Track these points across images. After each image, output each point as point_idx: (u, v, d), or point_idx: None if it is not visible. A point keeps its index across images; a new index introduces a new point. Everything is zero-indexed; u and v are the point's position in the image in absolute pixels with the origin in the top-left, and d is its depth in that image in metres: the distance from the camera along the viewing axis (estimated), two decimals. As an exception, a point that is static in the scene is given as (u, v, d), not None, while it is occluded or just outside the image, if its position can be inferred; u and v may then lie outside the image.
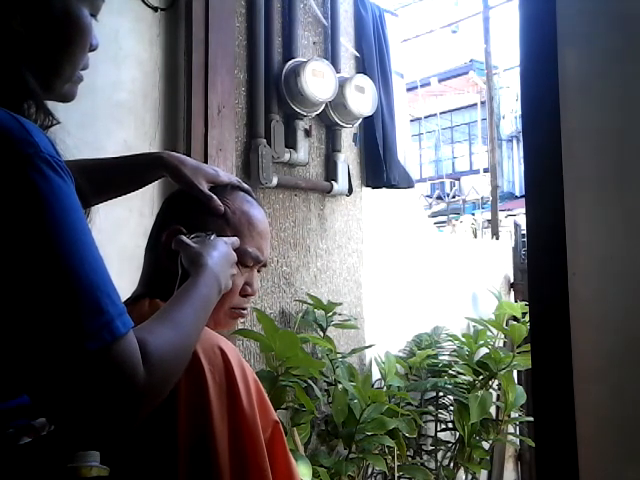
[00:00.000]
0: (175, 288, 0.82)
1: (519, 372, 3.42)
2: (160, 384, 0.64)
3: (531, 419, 2.75)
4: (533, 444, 0.96)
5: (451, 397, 2.90)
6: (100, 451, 0.69)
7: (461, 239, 5.33)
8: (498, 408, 3.09)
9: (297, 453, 2.01)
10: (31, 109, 0.68)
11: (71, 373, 0.57)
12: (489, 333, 3.10)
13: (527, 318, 2.92)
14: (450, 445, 2.96)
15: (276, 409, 0.86)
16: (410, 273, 3.19)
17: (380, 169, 2.93)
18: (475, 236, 7.40)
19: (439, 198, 12.49)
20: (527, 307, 2.42)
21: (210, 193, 0.96)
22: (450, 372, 2.96)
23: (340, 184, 2.76)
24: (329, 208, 2.79)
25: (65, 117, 0.74)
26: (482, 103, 12.89)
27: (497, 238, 5.97)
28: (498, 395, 3.08)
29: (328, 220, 2.78)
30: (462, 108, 15.49)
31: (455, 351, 3.09)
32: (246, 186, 1.05)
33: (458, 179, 14.70)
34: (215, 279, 0.84)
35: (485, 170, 11.48)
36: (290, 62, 2.55)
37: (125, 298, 0.97)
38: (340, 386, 2.37)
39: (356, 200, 2.93)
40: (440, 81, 13.87)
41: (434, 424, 3.01)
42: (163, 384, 0.65)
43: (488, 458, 3.06)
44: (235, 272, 0.93)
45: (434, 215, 10.13)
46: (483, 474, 3.22)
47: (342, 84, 2.64)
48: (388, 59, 3.07)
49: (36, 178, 0.59)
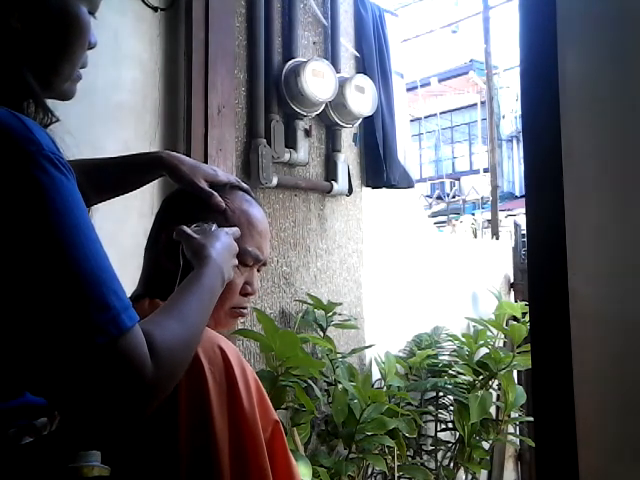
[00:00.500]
0: (177, 279, 0.83)
1: (519, 372, 3.42)
2: (168, 376, 0.64)
3: (531, 419, 2.75)
4: (533, 444, 0.96)
5: (451, 397, 2.90)
6: (101, 451, 0.69)
7: (461, 239, 5.33)
8: (498, 408, 3.09)
9: (297, 453, 2.01)
10: (31, 107, 0.68)
11: (79, 367, 0.58)
12: (489, 333, 3.10)
13: (527, 318, 2.92)
14: (450, 445, 2.96)
15: (276, 409, 0.86)
16: (410, 273, 3.19)
17: (380, 169, 2.93)
18: (475, 236, 7.41)
19: (439, 198, 12.49)
20: (527, 307, 2.42)
21: (211, 190, 0.97)
22: (450, 372, 2.96)
23: (340, 184, 2.76)
24: (329, 208, 2.79)
25: (65, 117, 0.74)
26: (482, 103, 12.89)
27: (497, 238, 5.97)
28: (498, 395, 3.08)
29: (328, 220, 2.78)
30: (462, 108, 15.48)
31: (455, 351, 3.10)
32: (245, 185, 1.05)
33: (458, 179, 14.70)
34: (219, 270, 0.85)
35: (485, 170, 11.47)
36: (290, 62, 2.55)
37: (125, 298, 0.97)
38: (340, 386, 2.37)
39: (356, 200, 2.94)
40: (440, 81, 13.87)
41: (434, 424, 3.01)
42: (171, 376, 0.65)
43: (488, 458, 3.06)
44: (237, 262, 0.93)
45: (434, 215, 10.14)
46: (483, 474, 3.22)
47: (342, 84, 2.64)
48: (388, 59, 3.07)
49: (39, 175, 0.59)
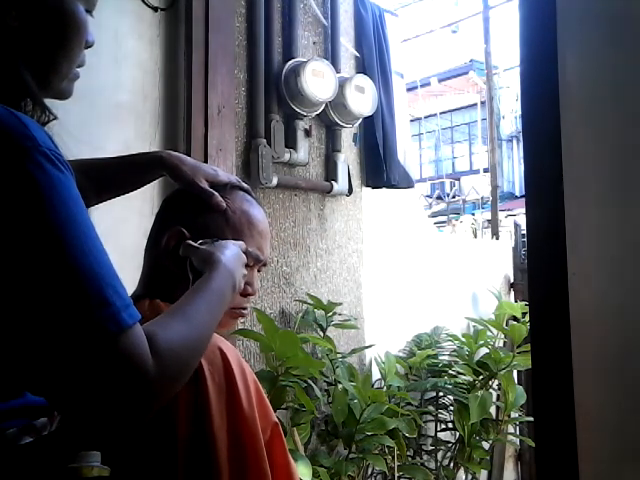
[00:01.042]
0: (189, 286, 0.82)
1: (519, 372, 3.42)
2: (172, 376, 0.63)
3: (531, 419, 2.75)
4: (533, 444, 0.96)
5: (451, 397, 2.90)
6: (101, 451, 0.69)
7: (461, 239, 5.33)
8: (498, 408, 3.09)
9: (297, 453, 2.01)
10: (29, 106, 0.68)
11: (78, 365, 0.57)
12: (489, 333, 3.10)
13: (527, 318, 2.92)
14: (450, 445, 2.96)
15: (276, 409, 0.86)
16: (410, 273, 3.19)
17: (380, 169, 2.93)
18: (475, 236, 7.41)
19: (439, 198, 12.49)
20: (527, 307, 2.42)
21: (211, 190, 0.96)
22: (450, 372, 2.95)
23: (340, 184, 2.76)
24: (329, 208, 2.79)
25: (65, 117, 0.74)
26: (482, 103, 12.89)
27: (497, 238, 5.97)
28: (498, 395, 3.08)
29: (328, 220, 2.78)
30: (462, 108, 15.48)
31: (455, 351, 3.09)
32: (245, 185, 1.05)
33: (458, 179, 14.70)
34: (229, 275, 0.84)
35: (485, 170, 11.48)
36: (290, 62, 2.55)
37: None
38: (340, 386, 2.37)
39: (356, 200, 2.94)
40: (440, 81, 13.87)
41: (434, 424, 3.01)
42: (175, 377, 0.64)
43: (488, 458, 3.06)
44: (246, 273, 0.92)
45: (434, 215, 10.14)
46: (483, 474, 3.22)
47: (342, 84, 2.64)
48: (388, 59, 3.07)
49: (35, 171, 0.59)
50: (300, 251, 2.63)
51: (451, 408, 2.93)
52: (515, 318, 3.20)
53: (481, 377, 2.90)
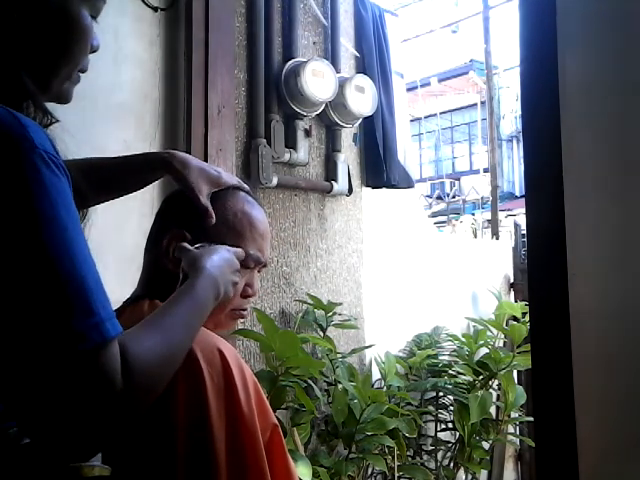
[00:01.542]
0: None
1: (519, 372, 3.42)
2: (140, 391, 0.62)
3: (531, 419, 2.75)
4: (533, 444, 0.96)
5: (451, 397, 2.90)
6: (102, 451, 0.69)
7: (461, 239, 5.33)
8: (498, 408, 3.09)
9: (297, 453, 2.01)
10: (30, 108, 0.68)
11: (55, 372, 0.56)
12: (489, 333, 3.10)
13: (527, 318, 2.92)
14: (450, 445, 2.96)
15: (276, 409, 0.86)
16: (410, 273, 3.19)
17: (380, 169, 2.93)
18: (475, 236, 7.41)
19: (439, 198, 12.49)
20: (527, 307, 2.42)
21: (206, 203, 0.95)
22: (450, 372, 2.96)
23: (340, 184, 2.76)
24: (329, 208, 2.79)
25: (65, 117, 0.74)
26: (482, 103, 12.89)
27: (497, 238, 5.97)
28: (498, 395, 3.08)
29: (328, 220, 2.78)
30: (462, 108, 15.48)
31: (455, 351, 3.10)
32: (246, 187, 1.04)
33: (458, 179, 14.70)
34: (213, 283, 0.83)
35: (485, 170, 11.48)
36: (290, 62, 2.55)
37: (125, 298, 0.97)
38: (340, 386, 2.37)
39: (356, 200, 2.94)
40: (440, 81, 13.87)
41: (434, 424, 3.01)
42: (144, 391, 0.63)
43: (488, 458, 3.06)
44: (238, 280, 0.91)
45: (434, 215, 10.14)
46: (483, 474, 3.22)
47: (342, 84, 2.64)
48: (388, 59, 3.07)
49: (29, 174, 0.59)
50: (300, 251, 2.63)
51: (451, 408, 2.94)
52: (515, 318, 3.20)
53: (481, 377, 2.90)
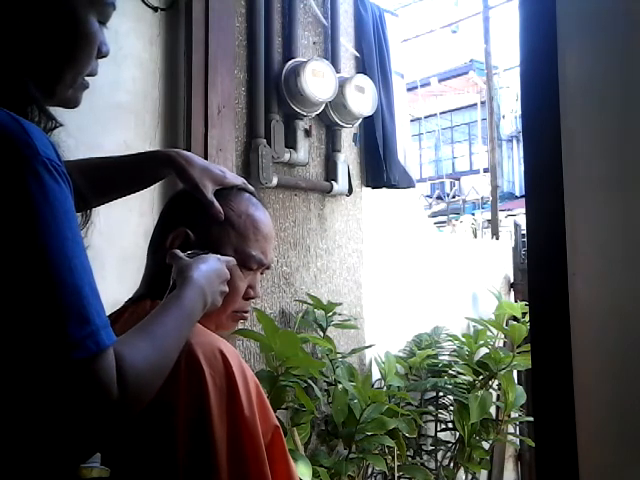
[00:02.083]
0: (163, 300, 0.81)
1: (519, 372, 3.42)
2: (133, 400, 0.63)
3: (531, 419, 2.75)
4: (533, 444, 0.96)
5: (451, 397, 2.90)
6: (101, 453, 0.69)
7: (461, 239, 5.33)
8: (498, 408, 3.09)
9: (297, 453, 2.01)
10: (34, 112, 0.68)
11: (51, 380, 0.56)
12: (489, 333, 3.10)
13: (527, 318, 2.92)
14: (450, 445, 2.96)
15: (276, 409, 0.86)
16: (410, 273, 3.19)
17: (380, 169, 2.93)
18: (475, 236, 7.40)
19: (439, 198, 12.49)
20: (527, 307, 2.42)
21: (212, 198, 0.95)
22: (450, 372, 2.96)
23: (340, 184, 2.76)
24: (329, 208, 2.79)
25: (65, 118, 0.74)
26: (482, 103, 12.88)
27: (497, 238, 5.97)
28: (498, 395, 3.08)
29: (328, 220, 2.78)
30: (462, 108, 15.48)
31: (455, 351, 3.09)
32: (251, 188, 1.04)
33: (458, 179, 14.70)
34: (200, 292, 0.82)
35: (485, 170, 11.47)
36: (290, 62, 2.55)
37: (125, 298, 0.97)
38: (340, 386, 2.37)
39: (356, 200, 2.93)
40: (440, 81, 13.87)
41: (434, 424, 3.01)
42: (136, 399, 0.64)
43: (488, 458, 3.06)
44: (227, 290, 0.91)
45: (434, 215, 10.13)
46: (483, 474, 3.22)
47: (342, 84, 2.64)
48: (388, 59, 3.06)
49: (30, 181, 0.58)
50: (300, 251, 2.63)
51: (451, 408, 2.93)
52: (515, 318, 3.20)
53: (481, 377, 2.90)
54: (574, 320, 0.84)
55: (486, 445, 2.94)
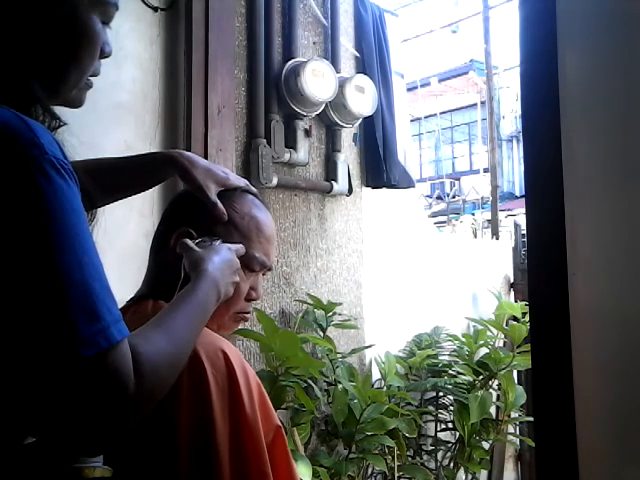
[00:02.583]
0: (176, 292, 0.82)
1: (519, 372, 3.42)
2: (150, 394, 0.63)
3: (531, 419, 2.75)
4: (533, 444, 0.96)
5: (451, 397, 2.90)
6: (103, 452, 0.69)
7: (461, 239, 5.33)
8: (498, 408, 3.09)
9: (297, 453, 2.01)
10: (38, 111, 0.68)
11: (63, 378, 0.57)
12: (489, 333, 3.10)
13: (527, 318, 2.92)
14: (450, 445, 2.96)
15: (276, 409, 0.86)
16: (410, 273, 3.19)
17: (380, 169, 2.93)
18: (475, 236, 7.40)
19: (439, 198, 12.49)
20: (527, 307, 2.42)
21: (215, 199, 0.95)
22: (450, 372, 2.96)
23: (340, 184, 2.76)
24: (329, 208, 2.79)
25: (65, 117, 0.74)
26: (482, 103, 12.88)
27: (497, 238, 5.96)
28: (498, 395, 3.08)
29: (328, 220, 2.78)
30: (462, 108, 15.48)
31: (455, 351, 3.10)
32: (254, 189, 1.04)
33: (458, 179, 14.70)
34: (214, 285, 0.83)
35: (485, 170, 11.47)
36: (290, 62, 2.55)
37: (126, 298, 0.97)
38: (340, 386, 2.37)
39: (356, 200, 2.93)
40: (440, 81, 13.87)
41: (434, 424, 3.01)
42: (153, 393, 0.64)
43: (488, 458, 3.06)
44: (238, 280, 0.91)
45: (434, 215, 10.13)
46: (483, 474, 3.22)
47: (342, 84, 2.64)
48: (388, 59, 3.07)
49: (39, 180, 0.59)
50: (300, 251, 2.63)
51: (451, 408, 2.93)
52: (515, 318, 3.20)
53: (481, 377, 2.90)
54: (574, 320, 0.84)
55: (486, 445, 2.94)
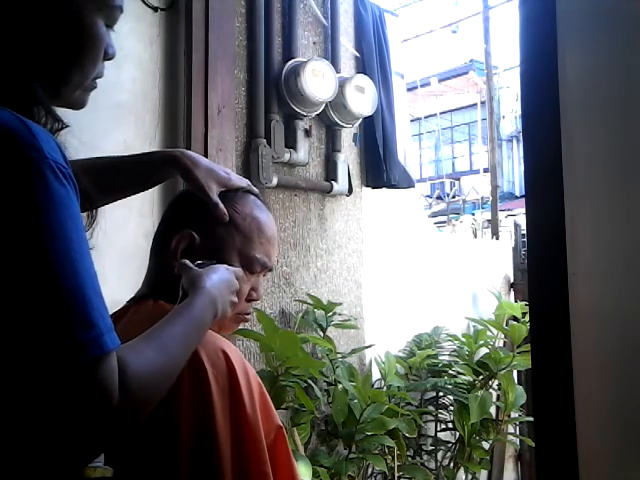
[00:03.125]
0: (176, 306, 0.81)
1: (519, 372, 3.42)
2: (135, 406, 0.62)
3: (531, 419, 2.75)
4: (533, 444, 0.96)
5: (451, 397, 2.90)
6: (104, 452, 0.69)
7: (461, 239, 5.33)
8: (498, 408, 3.09)
9: (297, 453, 2.01)
10: (40, 113, 0.68)
11: (55, 383, 0.56)
12: (489, 333, 3.10)
13: (527, 318, 2.92)
14: (450, 445, 2.96)
15: (276, 409, 0.86)
16: (410, 273, 3.19)
17: (380, 169, 2.93)
18: (475, 236, 7.40)
19: (439, 198, 12.49)
20: (527, 307, 2.42)
21: (217, 200, 0.95)
22: (450, 372, 2.96)
23: (340, 184, 2.76)
24: (329, 208, 2.79)
25: (65, 117, 0.74)
26: (482, 103, 12.88)
27: (497, 238, 5.96)
28: (498, 395, 3.08)
29: (328, 220, 2.78)
30: (462, 108, 15.47)
31: (455, 351, 3.10)
32: (256, 190, 1.03)
33: (458, 179, 14.69)
34: (211, 302, 0.82)
35: (485, 170, 11.47)
36: (290, 62, 2.55)
37: (126, 298, 0.97)
38: (340, 386, 2.37)
39: (356, 200, 2.93)
40: (440, 81, 13.86)
41: (434, 424, 3.01)
42: (139, 406, 0.63)
43: (488, 458, 3.06)
44: (236, 300, 0.91)
45: (434, 215, 10.13)
46: (483, 474, 3.22)
47: (342, 84, 2.64)
48: (388, 59, 3.06)
49: (37, 184, 0.58)
50: (300, 251, 2.63)
51: (451, 408, 2.93)
52: (515, 318, 3.20)
53: (481, 377, 2.90)
54: (574, 320, 0.84)
55: (486, 445, 2.94)
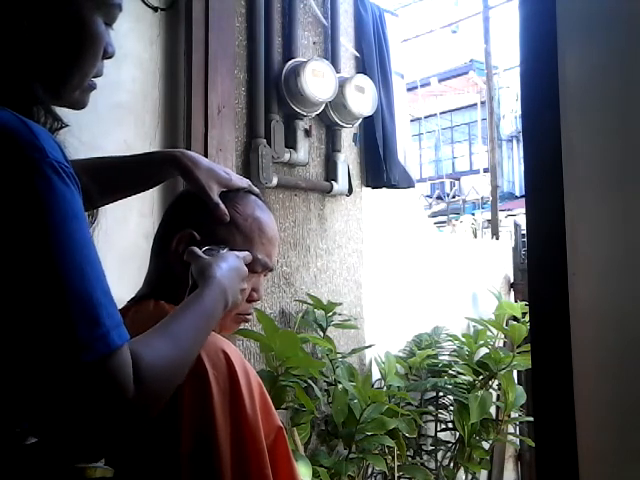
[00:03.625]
0: (185, 298, 0.81)
1: (519, 372, 3.42)
2: (150, 399, 0.63)
3: (531, 419, 2.75)
4: (533, 444, 0.96)
5: (451, 397, 2.90)
6: (104, 457, 0.69)
7: (461, 239, 5.33)
8: (498, 408, 3.09)
9: (297, 453, 2.01)
10: (40, 113, 0.68)
11: (64, 383, 0.56)
12: (489, 333, 3.10)
13: (527, 318, 2.92)
14: (450, 445, 2.96)
15: (276, 409, 0.86)
16: (410, 273, 3.19)
17: (380, 169, 2.93)
18: (475, 236, 7.40)
19: (439, 198, 12.49)
20: (527, 307, 2.42)
21: (217, 200, 0.94)
22: (450, 372, 2.96)
23: (340, 184, 2.76)
24: (329, 208, 2.79)
25: (65, 117, 0.74)
26: (482, 103, 12.88)
27: (497, 238, 5.96)
28: (498, 395, 3.08)
29: (328, 220, 2.78)
30: (462, 108, 15.47)
31: (455, 351, 3.10)
32: (257, 190, 1.03)
33: (458, 179, 14.69)
34: (222, 292, 0.82)
35: (485, 170, 11.47)
36: (290, 62, 2.55)
37: (126, 298, 0.97)
38: (340, 386, 2.37)
39: (356, 200, 2.93)
40: (440, 81, 13.86)
41: (434, 424, 3.01)
42: (154, 399, 0.64)
43: (488, 458, 3.06)
44: (246, 287, 0.91)
45: (434, 215, 10.12)
46: (483, 474, 3.22)
47: (342, 84, 2.64)
48: (388, 59, 3.07)
49: (39, 183, 0.58)
50: (300, 251, 2.63)
51: (451, 408, 2.94)
52: (515, 318, 3.20)
53: (481, 377, 2.90)
54: (574, 320, 0.84)
55: (486, 445, 2.94)
